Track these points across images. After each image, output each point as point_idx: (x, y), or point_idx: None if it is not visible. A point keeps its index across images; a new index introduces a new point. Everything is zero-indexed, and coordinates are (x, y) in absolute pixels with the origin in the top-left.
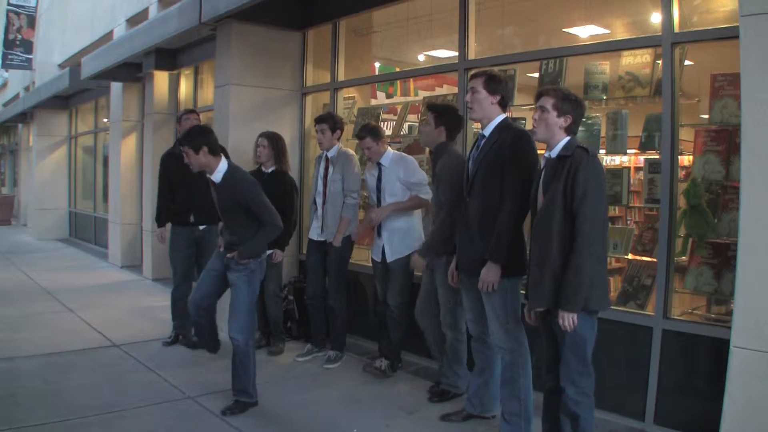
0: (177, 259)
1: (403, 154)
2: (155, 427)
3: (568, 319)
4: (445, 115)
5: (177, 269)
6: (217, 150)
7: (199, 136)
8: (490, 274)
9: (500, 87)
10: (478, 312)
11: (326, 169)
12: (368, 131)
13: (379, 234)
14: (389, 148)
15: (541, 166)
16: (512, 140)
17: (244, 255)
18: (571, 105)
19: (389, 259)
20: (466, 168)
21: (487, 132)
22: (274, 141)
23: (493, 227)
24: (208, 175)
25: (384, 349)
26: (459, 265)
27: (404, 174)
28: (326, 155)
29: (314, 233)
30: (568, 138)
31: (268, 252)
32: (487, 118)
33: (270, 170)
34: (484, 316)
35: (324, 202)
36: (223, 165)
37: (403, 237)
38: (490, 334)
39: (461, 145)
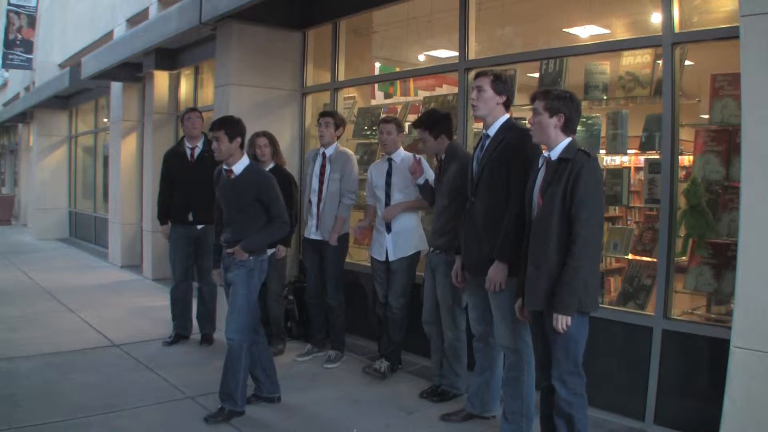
0: (176, 258)
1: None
2: (155, 427)
3: (561, 322)
4: (434, 125)
5: (176, 268)
6: (244, 144)
7: (238, 125)
8: (497, 273)
9: (506, 88)
10: (482, 311)
11: (323, 167)
12: (394, 120)
13: (389, 231)
14: (402, 147)
15: (539, 165)
16: (517, 140)
17: (247, 248)
18: (563, 103)
19: (392, 258)
20: (470, 168)
21: (491, 132)
22: (272, 139)
23: (499, 227)
24: (225, 167)
25: (384, 350)
26: (465, 265)
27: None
28: (324, 152)
29: (309, 231)
30: (568, 140)
31: (271, 250)
32: (491, 117)
33: (270, 167)
34: (488, 315)
35: (320, 200)
36: (245, 159)
37: (408, 237)
38: (496, 333)
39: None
